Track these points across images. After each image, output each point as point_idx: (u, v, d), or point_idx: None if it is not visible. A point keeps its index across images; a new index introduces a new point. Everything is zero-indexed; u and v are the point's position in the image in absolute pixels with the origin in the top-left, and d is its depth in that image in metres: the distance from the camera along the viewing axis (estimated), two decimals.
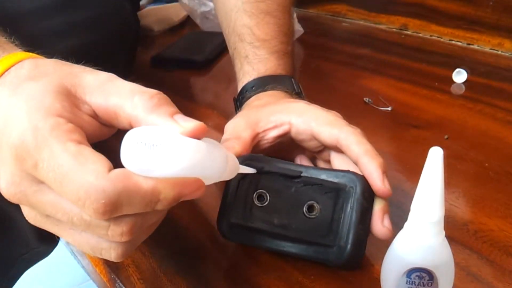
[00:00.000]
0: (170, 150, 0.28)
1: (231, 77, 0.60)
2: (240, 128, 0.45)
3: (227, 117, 0.48)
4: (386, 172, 0.39)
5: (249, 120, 0.46)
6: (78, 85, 0.32)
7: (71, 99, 0.31)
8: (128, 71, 0.74)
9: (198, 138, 0.30)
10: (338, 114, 0.47)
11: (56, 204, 0.29)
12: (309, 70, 0.84)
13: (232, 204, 0.39)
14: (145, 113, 0.30)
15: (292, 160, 0.50)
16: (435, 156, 0.30)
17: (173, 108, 0.31)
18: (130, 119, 0.31)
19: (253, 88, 0.55)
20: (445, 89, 0.70)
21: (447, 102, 0.67)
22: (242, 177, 0.39)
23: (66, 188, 0.27)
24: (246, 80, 0.56)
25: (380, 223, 0.38)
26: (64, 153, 0.27)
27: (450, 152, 0.55)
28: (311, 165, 0.49)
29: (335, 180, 0.39)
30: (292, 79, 0.56)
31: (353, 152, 0.40)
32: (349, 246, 0.37)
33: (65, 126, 0.29)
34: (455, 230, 0.43)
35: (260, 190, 0.39)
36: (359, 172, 0.40)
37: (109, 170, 0.27)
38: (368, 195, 0.38)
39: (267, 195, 0.39)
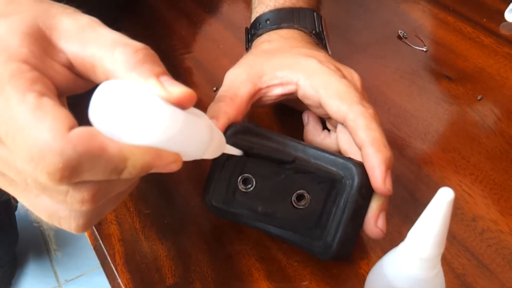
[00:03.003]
0: (141, 116, 0.23)
1: None
2: (240, 81, 0.40)
3: None
4: (390, 168, 0.35)
5: (252, 72, 0.41)
6: (54, 27, 0.27)
7: (42, 44, 0.26)
8: None
9: (184, 108, 0.26)
10: (354, 79, 0.41)
11: (8, 161, 0.25)
12: None
13: (215, 185, 0.36)
14: (125, 69, 0.26)
15: (299, 113, 0.46)
16: (443, 199, 0.25)
17: (159, 68, 0.26)
18: (108, 75, 0.26)
19: (267, 22, 0.48)
20: (492, 29, 0.61)
21: (490, 48, 0.58)
22: (228, 156, 0.35)
23: (18, 145, 0.23)
24: (261, 11, 0.49)
25: (373, 223, 0.35)
26: (21, 105, 0.23)
27: (478, 120, 0.49)
28: (319, 125, 0.44)
29: (332, 169, 0.35)
30: (315, 13, 0.49)
31: (358, 138, 0.36)
32: (335, 244, 0.34)
33: (28, 74, 0.24)
34: (461, 226, 0.40)
35: (246, 174, 0.35)
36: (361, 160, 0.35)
37: (71, 128, 0.23)
38: (366, 191, 0.34)
39: (253, 180, 0.35)
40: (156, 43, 0.61)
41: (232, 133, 0.36)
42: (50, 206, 0.26)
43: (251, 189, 0.35)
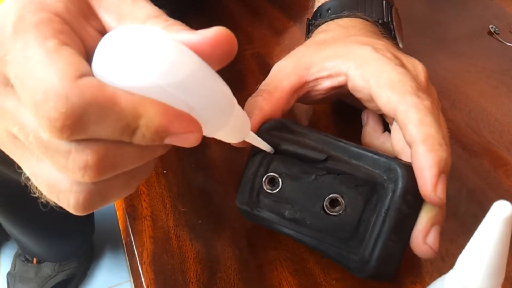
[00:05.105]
0: (148, 53, 0.20)
1: None
2: (284, 74, 0.36)
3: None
4: (446, 173, 0.28)
5: (299, 64, 0.36)
6: None
7: (81, 6, 0.24)
8: None
9: (223, 49, 0.23)
10: (417, 69, 0.35)
11: (15, 114, 0.22)
12: None
13: (240, 184, 0.32)
14: None
15: (359, 112, 0.41)
16: (498, 217, 0.19)
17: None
18: None
19: (329, 12, 0.44)
20: None
21: None
22: (253, 154, 0.31)
23: (24, 88, 0.21)
24: (324, 0, 0.45)
25: (421, 238, 0.29)
26: (38, 47, 0.21)
27: None
28: (379, 126, 0.39)
29: (374, 170, 0.29)
30: (384, 1, 0.43)
31: (409, 134, 0.30)
32: (373, 261, 0.29)
33: (57, 24, 0.22)
34: None
35: (272, 174, 0.31)
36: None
37: (83, 76, 0.20)
38: (413, 199, 0.29)
39: (280, 180, 0.31)
40: None
41: (264, 129, 0.32)
42: (51, 175, 0.23)
43: (277, 190, 0.31)
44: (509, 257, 0.33)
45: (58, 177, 0.23)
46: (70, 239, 0.99)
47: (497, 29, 0.52)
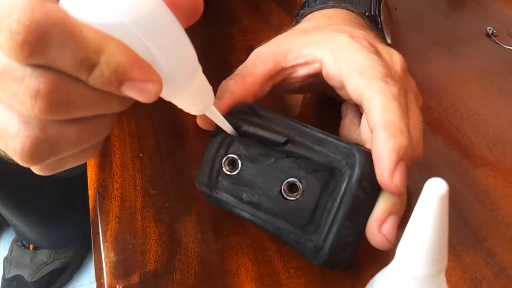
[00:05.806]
0: None
1: None
2: (261, 59, 0.35)
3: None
4: (405, 161, 0.27)
5: (278, 51, 0.36)
6: None
7: None
8: None
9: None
10: (394, 59, 0.34)
11: None
12: None
13: (201, 166, 0.31)
14: None
15: (338, 104, 0.40)
16: (433, 195, 0.18)
17: None
18: None
19: (316, 2, 0.43)
20: None
21: None
22: (215, 134, 0.31)
23: None
24: None
25: (376, 227, 0.28)
26: None
27: None
28: (358, 118, 0.38)
29: (335, 156, 0.28)
30: None
31: (371, 119, 0.29)
32: (326, 248, 0.28)
33: None
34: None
35: (231, 155, 0.30)
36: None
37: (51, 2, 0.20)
38: (369, 185, 0.28)
39: (239, 162, 0.30)
40: (216, 29, 0.59)
41: (233, 112, 0.31)
42: (1, 119, 0.23)
43: (236, 172, 0.30)
44: (477, 258, 0.32)
45: (7, 120, 0.23)
46: (66, 226, 0.99)
47: (495, 31, 0.51)
